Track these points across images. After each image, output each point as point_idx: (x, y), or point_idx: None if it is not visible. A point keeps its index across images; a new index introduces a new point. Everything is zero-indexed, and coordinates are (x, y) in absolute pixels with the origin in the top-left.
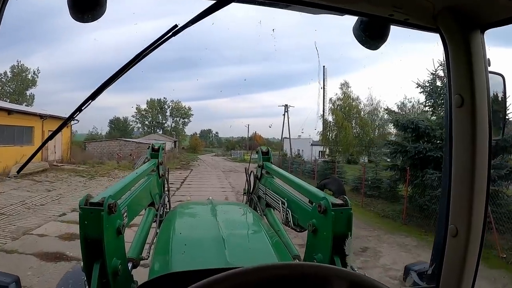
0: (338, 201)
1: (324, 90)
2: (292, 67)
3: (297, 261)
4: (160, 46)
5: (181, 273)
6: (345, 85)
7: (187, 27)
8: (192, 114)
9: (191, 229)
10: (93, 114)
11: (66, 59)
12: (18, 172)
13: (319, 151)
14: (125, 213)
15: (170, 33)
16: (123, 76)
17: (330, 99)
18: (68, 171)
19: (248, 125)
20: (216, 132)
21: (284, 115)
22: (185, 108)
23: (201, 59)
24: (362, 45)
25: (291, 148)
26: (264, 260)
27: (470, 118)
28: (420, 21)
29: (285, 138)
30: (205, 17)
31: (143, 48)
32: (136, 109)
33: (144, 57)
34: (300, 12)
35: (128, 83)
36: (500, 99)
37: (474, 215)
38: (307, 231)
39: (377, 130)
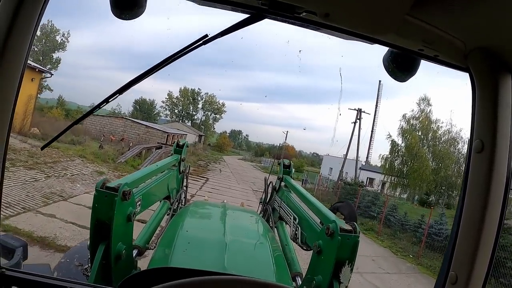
0: (348, 227)
1: (376, 107)
2: (330, 84)
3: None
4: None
5: (177, 269)
6: (424, 100)
7: (216, 38)
8: (225, 111)
9: (198, 229)
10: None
11: (99, 38)
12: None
13: (368, 178)
14: (139, 202)
15: (200, 42)
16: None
17: (404, 116)
18: None
19: (287, 131)
20: (247, 135)
21: (355, 122)
22: (219, 104)
23: (242, 62)
24: (390, 75)
25: (356, 172)
26: (260, 273)
27: (488, 165)
28: (451, 59)
29: (325, 155)
30: (236, 30)
31: (173, 53)
32: (168, 95)
33: (173, 61)
34: (330, 36)
35: (163, 71)
36: None
37: (476, 265)
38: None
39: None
